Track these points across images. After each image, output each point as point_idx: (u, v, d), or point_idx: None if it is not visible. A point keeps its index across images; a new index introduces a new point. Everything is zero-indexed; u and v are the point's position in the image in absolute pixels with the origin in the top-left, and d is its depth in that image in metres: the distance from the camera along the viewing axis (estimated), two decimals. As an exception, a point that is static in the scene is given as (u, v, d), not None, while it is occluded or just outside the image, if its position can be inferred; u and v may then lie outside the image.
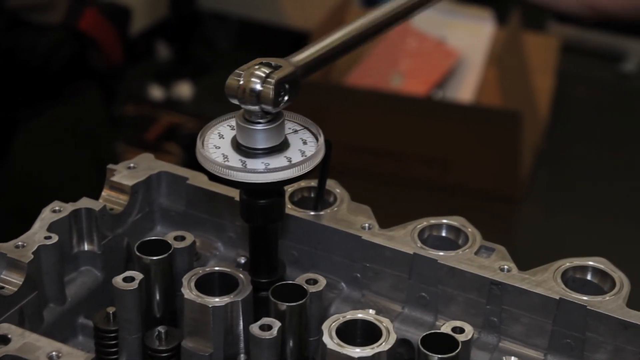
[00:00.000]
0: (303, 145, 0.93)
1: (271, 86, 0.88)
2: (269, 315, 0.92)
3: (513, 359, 0.95)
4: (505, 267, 0.99)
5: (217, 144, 0.93)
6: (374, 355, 0.85)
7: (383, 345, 0.87)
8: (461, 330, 0.90)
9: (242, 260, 1.05)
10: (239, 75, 0.89)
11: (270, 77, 0.88)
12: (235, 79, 0.89)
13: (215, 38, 4.13)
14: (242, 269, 0.99)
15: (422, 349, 0.87)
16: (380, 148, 3.26)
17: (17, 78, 2.59)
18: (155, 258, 0.97)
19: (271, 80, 0.88)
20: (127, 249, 1.07)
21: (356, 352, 0.85)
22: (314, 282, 0.96)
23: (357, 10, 3.57)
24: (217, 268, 0.97)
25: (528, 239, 3.18)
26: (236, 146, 0.92)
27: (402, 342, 0.99)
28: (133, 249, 0.99)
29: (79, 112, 2.77)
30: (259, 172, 0.89)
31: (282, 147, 0.92)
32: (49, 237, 0.99)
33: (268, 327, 0.90)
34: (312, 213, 1.05)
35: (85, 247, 1.04)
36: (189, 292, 0.94)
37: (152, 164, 1.10)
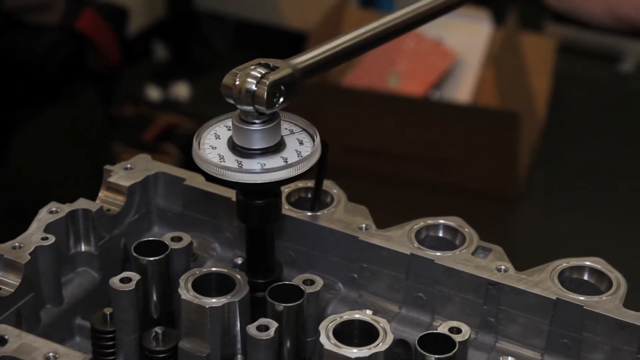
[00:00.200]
0: (299, 146, 0.93)
1: (265, 87, 0.88)
2: (266, 315, 0.92)
3: (510, 359, 0.95)
4: (502, 267, 0.99)
5: (213, 144, 0.93)
6: (370, 355, 0.85)
7: (380, 345, 0.87)
8: (458, 331, 0.91)
9: (239, 261, 1.05)
10: (235, 75, 0.89)
11: (265, 77, 0.88)
12: (231, 78, 0.89)
13: (213, 38, 4.13)
14: (239, 270, 0.99)
15: (419, 349, 0.87)
16: (378, 148, 3.26)
17: (15, 79, 2.59)
18: (152, 259, 0.97)
19: (265, 81, 0.88)
20: (124, 250, 1.07)
21: (353, 352, 0.86)
22: (311, 282, 0.96)
23: (355, 10, 3.57)
24: (214, 269, 0.97)
25: (526, 239, 3.18)
26: (232, 147, 0.92)
27: (399, 343, 0.99)
28: (130, 250, 0.99)
29: (77, 113, 2.77)
30: (255, 173, 0.89)
31: (278, 148, 0.92)
32: (46, 238, 0.99)
33: (265, 328, 0.90)
34: (309, 214, 1.05)
35: (82, 248, 1.04)
36: (186, 293, 0.94)
37: (149, 165, 1.10)
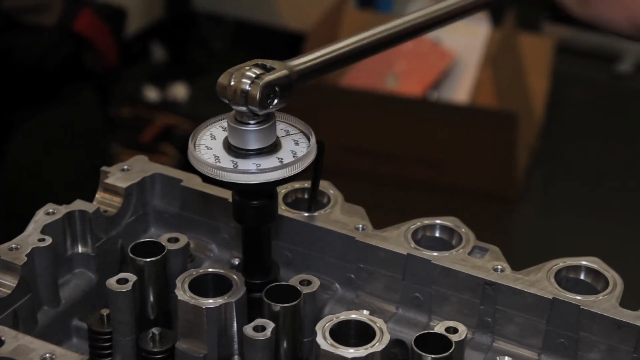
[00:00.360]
0: (295, 146, 0.93)
1: (259, 88, 0.88)
2: (263, 316, 0.92)
3: (507, 359, 0.95)
4: (499, 267, 0.99)
5: (209, 145, 0.93)
6: (367, 355, 0.86)
7: (377, 345, 0.87)
8: (455, 331, 0.91)
9: (236, 262, 1.05)
10: (231, 74, 0.89)
11: (259, 78, 0.88)
12: (226, 78, 0.89)
13: (211, 39, 4.13)
14: (236, 270, 0.99)
15: (415, 349, 0.88)
16: (375, 149, 3.26)
17: (13, 79, 2.59)
18: (149, 260, 0.97)
19: (259, 82, 0.88)
20: (121, 251, 1.07)
21: (350, 352, 0.86)
22: (308, 283, 0.96)
23: (353, 11, 3.57)
24: (210, 269, 0.97)
25: (524, 239, 3.18)
26: (228, 147, 0.92)
27: (396, 343, 0.99)
28: (127, 251, 0.99)
29: (75, 114, 2.77)
30: (251, 173, 0.90)
31: (273, 148, 0.92)
32: (43, 240, 0.99)
33: (262, 328, 0.90)
34: (305, 214, 1.05)
35: (79, 250, 1.04)
36: (182, 294, 0.94)
37: (145, 166, 1.11)
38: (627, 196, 3.35)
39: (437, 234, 1.05)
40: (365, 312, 0.92)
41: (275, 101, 0.89)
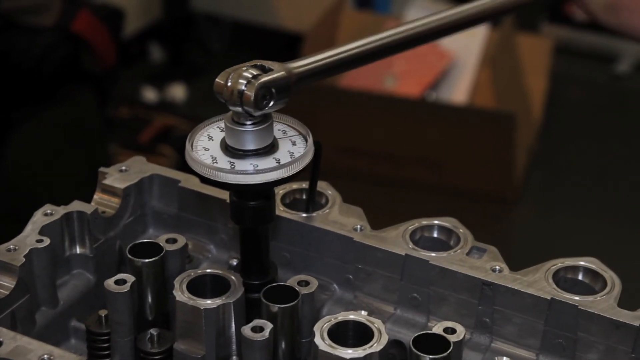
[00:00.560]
0: (292, 147, 0.93)
1: (253, 88, 0.88)
2: (261, 317, 0.92)
3: (505, 359, 0.95)
4: (497, 267, 0.99)
5: (206, 145, 0.93)
6: (365, 356, 0.86)
7: (375, 346, 0.87)
8: (453, 331, 0.91)
9: (234, 262, 1.05)
10: (228, 74, 0.89)
11: (256, 79, 0.88)
12: (223, 78, 0.89)
13: (209, 40, 4.13)
14: (234, 271, 0.99)
15: (413, 349, 0.88)
16: (374, 149, 3.26)
17: (11, 80, 2.59)
18: (147, 260, 0.97)
19: (254, 82, 0.88)
20: (119, 252, 1.07)
21: (348, 353, 0.86)
22: (306, 283, 0.96)
23: (351, 12, 3.57)
24: (209, 270, 0.97)
25: (522, 239, 3.18)
26: (225, 148, 0.92)
27: (394, 343, 0.99)
28: (125, 252, 0.99)
29: (73, 114, 2.77)
30: (248, 174, 0.90)
31: (271, 149, 0.92)
32: (41, 240, 0.99)
33: (260, 329, 0.90)
34: (303, 215, 1.05)
35: (78, 250, 1.04)
36: (180, 295, 0.94)
37: (144, 167, 1.10)
38: (625, 196, 3.36)
39: (435, 235, 1.05)
40: (363, 312, 0.92)
41: (272, 103, 0.89)
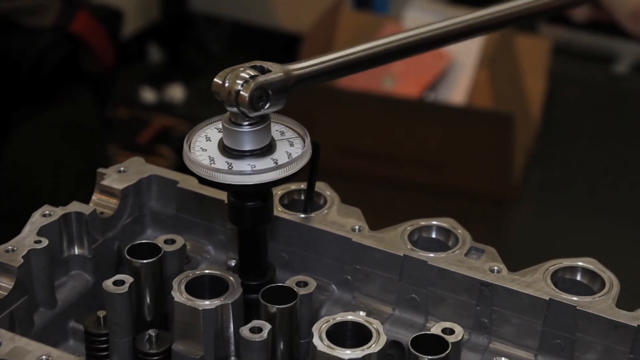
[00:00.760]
0: (290, 147, 0.93)
1: (249, 89, 0.88)
2: (260, 317, 0.92)
3: (503, 359, 0.95)
4: (495, 268, 0.99)
5: (204, 146, 0.93)
6: (364, 357, 0.86)
7: (373, 347, 0.87)
8: (451, 332, 0.91)
9: (233, 263, 1.05)
10: (226, 74, 0.89)
11: (252, 80, 0.88)
12: (221, 78, 0.89)
13: (208, 41, 4.13)
14: (232, 272, 0.99)
15: (412, 350, 0.88)
16: (372, 150, 3.26)
17: (9, 81, 2.59)
18: (145, 261, 0.97)
19: (250, 83, 0.88)
20: (118, 253, 1.07)
21: (346, 353, 0.86)
22: (304, 284, 0.96)
23: (349, 12, 3.57)
24: (207, 271, 0.97)
25: (520, 240, 3.18)
26: (223, 148, 0.92)
27: (392, 344, 0.99)
28: (123, 253, 0.99)
29: (71, 115, 2.77)
30: (245, 174, 0.90)
31: (268, 149, 0.92)
32: (39, 241, 0.99)
33: (258, 330, 0.90)
34: (302, 215, 1.05)
35: (76, 251, 1.04)
36: (179, 295, 0.94)
37: (142, 168, 1.10)
38: (624, 197, 3.36)
39: (433, 235, 1.05)
40: (361, 313, 0.92)
41: (268, 104, 0.89)
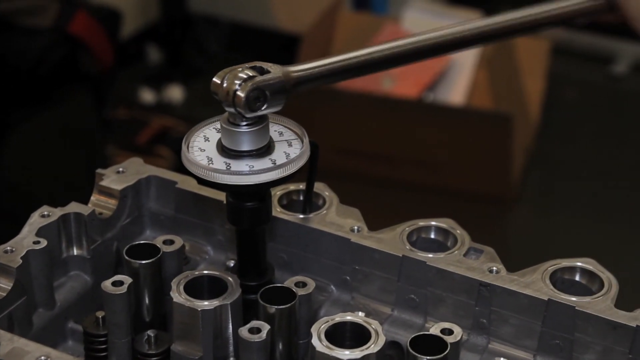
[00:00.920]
0: (288, 148, 0.93)
1: (246, 90, 0.87)
2: (258, 318, 0.92)
3: None
4: (494, 268, 0.99)
5: (202, 146, 0.93)
6: (362, 357, 0.86)
7: (372, 347, 0.87)
8: (450, 332, 0.91)
9: (232, 264, 1.05)
10: (225, 74, 0.89)
11: (250, 80, 0.88)
12: (220, 77, 0.89)
13: (207, 41, 4.13)
14: (231, 272, 0.99)
15: (411, 350, 0.88)
16: (371, 151, 3.26)
17: (8, 82, 2.59)
18: (144, 262, 0.97)
19: (247, 84, 0.88)
20: (117, 254, 1.07)
21: (345, 354, 0.86)
22: (303, 284, 0.96)
23: (348, 13, 3.57)
24: (206, 271, 0.97)
25: (519, 240, 3.18)
26: (221, 149, 0.92)
27: (391, 344, 0.99)
28: (122, 253, 0.99)
29: (70, 116, 2.77)
30: (243, 174, 0.90)
31: (266, 149, 0.92)
32: (38, 242, 0.98)
33: (257, 330, 0.90)
34: (301, 216, 1.05)
35: (75, 252, 1.04)
36: (178, 296, 0.94)
37: (141, 168, 1.10)
38: (622, 197, 3.36)
39: (432, 236, 1.05)
40: (360, 313, 0.92)
41: (265, 105, 0.89)
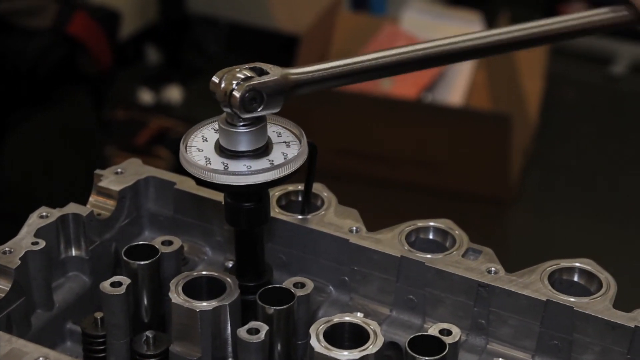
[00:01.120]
0: (286, 148, 0.93)
1: (240, 90, 0.87)
2: (257, 319, 0.92)
3: (500, 360, 0.95)
4: (493, 269, 0.99)
5: (200, 147, 0.93)
6: (361, 358, 0.86)
7: (370, 348, 0.87)
8: (449, 333, 0.91)
9: (230, 265, 1.05)
10: (224, 74, 0.89)
11: (246, 81, 0.88)
12: (218, 77, 0.89)
13: (205, 42, 4.13)
14: (229, 273, 0.99)
15: (409, 351, 0.88)
16: (370, 151, 3.26)
17: (7, 82, 2.59)
18: (142, 263, 0.97)
19: (243, 85, 0.88)
20: (115, 254, 1.07)
21: (344, 355, 0.86)
22: (302, 285, 0.96)
23: (347, 14, 3.57)
24: (204, 272, 0.97)
25: (518, 241, 3.18)
26: (219, 149, 0.92)
27: (390, 345, 0.99)
28: (121, 254, 0.99)
29: (69, 117, 2.77)
30: (241, 175, 0.90)
31: (264, 150, 0.92)
32: (36, 243, 0.98)
33: (256, 331, 0.90)
34: (299, 217, 1.05)
35: (73, 253, 1.04)
36: (176, 297, 0.94)
37: (139, 169, 1.10)
38: (621, 197, 3.36)
39: (430, 236, 1.05)
40: (359, 314, 0.92)
41: (261, 107, 0.89)
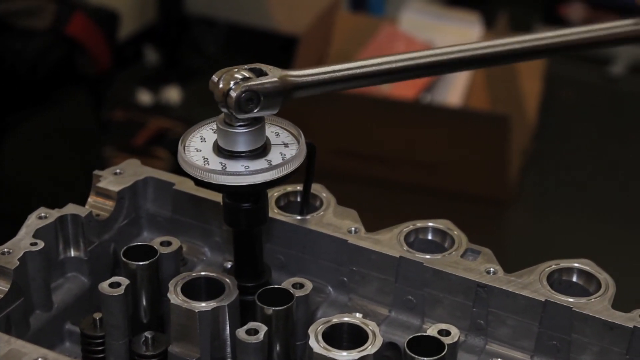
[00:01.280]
0: (284, 148, 0.93)
1: (237, 91, 0.87)
2: (256, 319, 0.92)
3: (499, 361, 0.95)
4: (491, 269, 0.99)
5: (198, 147, 0.93)
6: (360, 358, 0.86)
7: (369, 348, 0.87)
8: (447, 333, 0.91)
9: (229, 265, 1.05)
10: (223, 74, 0.89)
11: (243, 81, 0.88)
12: (217, 77, 0.89)
13: (204, 42, 4.13)
14: (228, 274, 0.99)
15: (408, 352, 0.88)
16: (369, 152, 3.26)
17: (5, 83, 2.59)
18: (141, 263, 0.97)
19: (239, 85, 0.88)
20: (114, 255, 1.07)
21: (342, 355, 0.86)
22: (300, 286, 0.96)
23: (345, 14, 3.57)
24: (203, 273, 0.97)
25: (517, 241, 3.18)
26: (218, 149, 0.92)
27: (389, 346, 0.99)
28: (119, 255, 0.99)
29: (67, 117, 2.77)
30: (239, 175, 0.90)
31: (262, 150, 0.92)
32: (35, 244, 0.98)
33: (254, 332, 0.90)
34: (298, 217, 1.05)
35: (72, 253, 1.04)
36: (175, 297, 0.94)
37: (138, 170, 1.10)
38: (620, 198, 3.36)
39: (429, 237, 1.05)
40: (358, 315, 0.92)
41: (258, 108, 0.88)
